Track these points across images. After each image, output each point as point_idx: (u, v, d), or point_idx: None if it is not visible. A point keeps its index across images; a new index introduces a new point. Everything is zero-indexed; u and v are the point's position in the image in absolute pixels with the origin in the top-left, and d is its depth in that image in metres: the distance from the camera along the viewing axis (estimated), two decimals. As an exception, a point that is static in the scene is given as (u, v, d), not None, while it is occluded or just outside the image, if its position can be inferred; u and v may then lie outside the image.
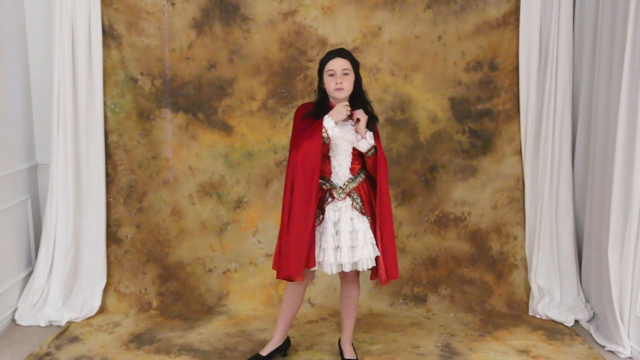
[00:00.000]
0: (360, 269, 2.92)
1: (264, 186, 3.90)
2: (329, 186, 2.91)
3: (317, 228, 2.88)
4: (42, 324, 3.61)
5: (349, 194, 2.91)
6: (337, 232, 2.88)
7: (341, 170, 2.91)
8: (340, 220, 2.89)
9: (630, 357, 3.30)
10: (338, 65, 2.84)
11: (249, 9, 3.74)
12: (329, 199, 2.90)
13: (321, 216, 2.89)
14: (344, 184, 2.92)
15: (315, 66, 3.73)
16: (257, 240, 3.92)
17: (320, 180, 2.88)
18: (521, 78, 3.79)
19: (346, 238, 2.87)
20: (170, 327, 3.63)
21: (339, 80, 2.83)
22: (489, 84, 3.85)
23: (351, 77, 2.87)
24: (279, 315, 3.16)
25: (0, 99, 3.54)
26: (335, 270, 2.91)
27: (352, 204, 2.91)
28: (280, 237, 2.94)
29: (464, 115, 3.88)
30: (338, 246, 2.87)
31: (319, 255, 2.88)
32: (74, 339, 3.45)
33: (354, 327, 3.20)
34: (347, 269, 2.90)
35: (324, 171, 2.91)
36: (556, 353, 3.35)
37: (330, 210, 2.90)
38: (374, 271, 2.97)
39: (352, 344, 3.21)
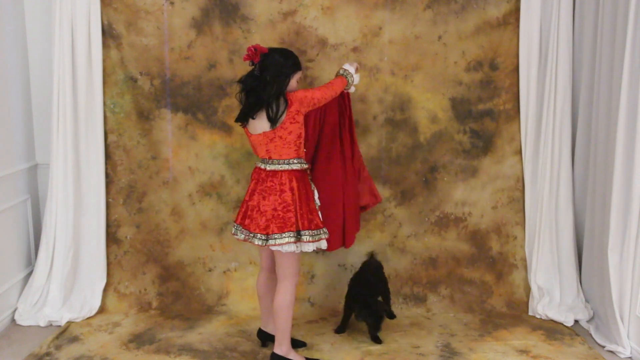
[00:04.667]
0: None
1: (264, 186, 3.90)
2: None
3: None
4: (42, 324, 3.61)
5: None
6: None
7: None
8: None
9: (630, 357, 3.30)
10: None
11: (248, 9, 3.73)
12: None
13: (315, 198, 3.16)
14: None
15: (315, 66, 3.74)
16: (257, 240, 3.92)
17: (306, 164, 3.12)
18: (521, 78, 3.79)
19: None
20: (170, 327, 3.63)
21: None
22: (489, 84, 3.85)
23: None
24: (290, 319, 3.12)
25: (0, 99, 3.54)
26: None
27: None
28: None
29: (465, 115, 3.87)
30: None
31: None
32: (74, 339, 3.45)
33: None
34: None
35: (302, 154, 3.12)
36: (556, 353, 3.35)
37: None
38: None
39: None
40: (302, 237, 2.95)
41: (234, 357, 3.28)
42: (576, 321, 3.75)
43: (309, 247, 2.99)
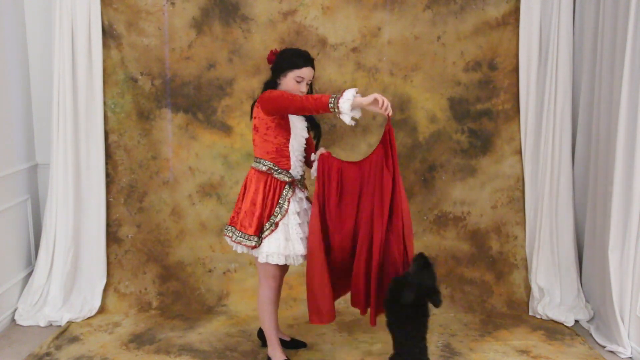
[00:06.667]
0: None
1: (264, 186, 3.89)
2: (291, 178, 2.97)
3: (282, 220, 2.92)
4: (42, 324, 3.61)
5: (305, 186, 3.08)
6: (299, 224, 2.97)
7: (298, 163, 3.00)
8: (300, 212, 2.99)
9: (630, 357, 3.30)
10: (309, 75, 2.95)
11: (248, 9, 3.74)
12: (291, 191, 2.96)
13: (285, 208, 2.93)
14: (301, 176, 3.04)
15: (315, 66, 3.74)
16: (257, 240, 3.92)
17: (282, 173, 2.95)
18: (521, 78, 3.79)
19: (305, 229, 2.98)
20: (170, 327, 3.63)
21: (303, 89, 2.94)
22: (488, 84, 3.85)
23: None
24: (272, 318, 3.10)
25: (0, 99, 3.54)
26: (301, 262, 2.97)
27: (307, 195, 3.08)
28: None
29: (463, 115, 3.88)
30: (303, 237, 2.96)
31: (286, 248, 2.92)
32: (74, 339, 3.45)
33: None
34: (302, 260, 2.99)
35: (284, 164, 2.96)
36: (556, 353, 3.34)
37: (294, 202, 2.97)
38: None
39: None
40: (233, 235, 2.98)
41: (234, 357, 3.27)
42: (576, 321, 3.75)
43: (236, 248, 2.98)
